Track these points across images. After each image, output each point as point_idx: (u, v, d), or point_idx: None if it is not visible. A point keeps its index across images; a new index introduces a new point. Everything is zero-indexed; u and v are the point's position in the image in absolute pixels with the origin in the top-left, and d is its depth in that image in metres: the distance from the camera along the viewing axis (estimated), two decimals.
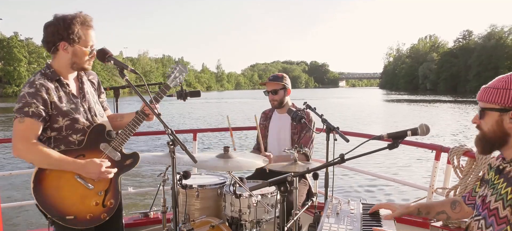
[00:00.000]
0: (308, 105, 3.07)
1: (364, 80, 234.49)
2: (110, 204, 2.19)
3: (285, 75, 3.49)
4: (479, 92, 1.56)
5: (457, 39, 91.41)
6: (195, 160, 2.06)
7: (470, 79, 76.86)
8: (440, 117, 26.12)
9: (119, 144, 2.22)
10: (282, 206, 1.70)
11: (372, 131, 15.89)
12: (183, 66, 2.40)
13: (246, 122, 20.86)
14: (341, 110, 31.82)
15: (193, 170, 3.75)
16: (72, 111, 2.15)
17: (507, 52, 73.24)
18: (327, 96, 59.27)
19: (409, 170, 9.87)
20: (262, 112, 3.68)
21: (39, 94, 2.03)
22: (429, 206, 1.94)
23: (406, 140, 1.74)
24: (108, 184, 2.19)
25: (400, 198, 7.44)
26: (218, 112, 31.45)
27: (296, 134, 3.35)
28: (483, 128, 1.55)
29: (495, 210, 1.47)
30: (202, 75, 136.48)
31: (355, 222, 1.82)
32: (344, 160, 1.67)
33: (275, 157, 3.25)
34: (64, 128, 2.12)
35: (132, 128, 2.22)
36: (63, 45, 2.09)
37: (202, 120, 25.60)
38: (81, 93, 2.26)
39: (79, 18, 2.10)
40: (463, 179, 2.79)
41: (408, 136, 1.70)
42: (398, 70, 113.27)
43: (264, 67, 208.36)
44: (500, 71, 72.53)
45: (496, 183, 1.54)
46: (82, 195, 2.12)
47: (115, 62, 2.13)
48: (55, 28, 2.08)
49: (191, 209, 2.75)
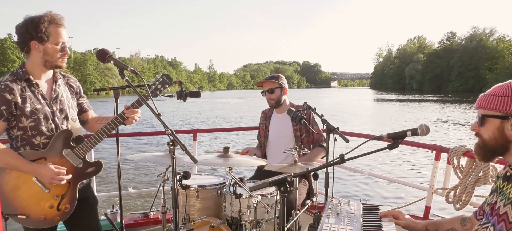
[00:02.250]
0: (308, 105, 3.07)
1: (356, 81, 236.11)
2: (65, 209, 2.21)
3: (281, 75, 3.51)
4: (479, 100, 1.56)
5: (441, 41, 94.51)
6: (195, 160, 2.06)
7: (453, 80, 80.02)
8: (426, 116, 26.70)
9: (83, 151, 2.24)
10: (282, 207, 1.70)
11: (363, 130, 16.20)
12: (168, 78, 2.37)
13: (249, 122, 21.00)
14: (334, 110, 32.14)
15: (193, 169, 3.76)
16: (36, 112, 2.17)
17: (487, 53, 75.82)
18: (320, 96, 60.13)
19: (409, 170, 9.86)
20: (262, 112, 3.68)
21: (3, 95, 2.08)
22: (437, 223, 1.91)
23: (406, 140, 1.73)
24: (65, 189, 2.21)
25: (400, 199, 7.44)
26: (218, 113, 31.57)
27: (298, 130, 3.34)
28: (483, 135, 1.54)
29: (505, 214, 1.45)
30: (194, 75, 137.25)
31: (355, 223, 1.82)
32: (344, 160, 1.66)
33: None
34: (28, 128, 2.15)
35: (102, 134, 2.24)
36: (34, 44, 2.14)
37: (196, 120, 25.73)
38: (53, 95, 2.27)
39: (47, 17, 2.15)
40: (463, 179, 2.79)
41: (408, 136, 1.70)
42: (387, 71, 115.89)
43: (257, 68, 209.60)
44: (481, 72, 74.91)
45: (505, 189, 1.52)
46: (38, 197, 2.16)
47: (115, 62, 2.13)
48: (25, 28, 2.13)
49: (191, 209, 2.75)
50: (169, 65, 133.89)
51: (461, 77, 78.19)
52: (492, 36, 78.87)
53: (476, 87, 72.62)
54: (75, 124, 2.36)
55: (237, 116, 28.57)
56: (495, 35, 78.52)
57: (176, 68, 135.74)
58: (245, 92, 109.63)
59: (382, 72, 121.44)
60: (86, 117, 2.52)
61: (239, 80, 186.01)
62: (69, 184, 2.22)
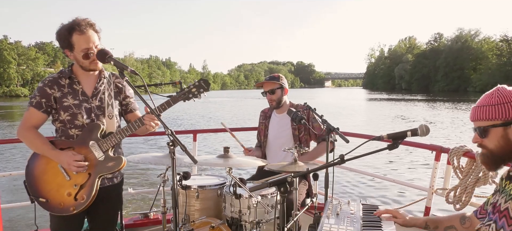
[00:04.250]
0: (308, 106, 3.07)
1: (350, 80, 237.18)
2: (81, 199, 2.27)
3: (281, 75, 3.49)
4: (474, 113, 1.55)
5: (429, 42, 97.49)
6: (195, 161, 2.06)
7: (439, 80, 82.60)
8: (414, 115, 27.56)
9: (106, 145, 2.31)
10: (282, 207, 1.70)
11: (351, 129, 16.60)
12: (206, 83, 2.29)
13: (247, 122, 21.01)
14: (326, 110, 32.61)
15: (193, 170, 3.76)
16: (73, 107, 2.32)
17: (472, 54, 78.51)
18: (310, 97, 60.66)
19: (409, 170, 9.87)
20: (261, 111, 3.67)
21: (44, 89, 2.30)
22: (437, 220, 1.91)
23: (405, 141, 1.73)
24: (85, 179, 2.29)
25: (400, 199, 7.44)
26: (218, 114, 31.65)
27: (296, 129, 3.33)
28: (489, 146, 1.53)
29: (506, 210, 1.46)
30: (188, 75, 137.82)
31: (355, 223, 1.82)
32: (344, 160, 1.66)
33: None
34: (66, 121, 2.33)
35: (125, 132, 2.33)
36: (66, 52, 2.33)
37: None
38: (94, 92, 2.38)
39: (67, 27, 2.26)
40: (463, 179, 2.79)
41: (408, 136, 1.70)
42: (378, 71, 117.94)
43: (251, 68, 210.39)
44: (465, 72, 77.03)
45: (507, 188, 1.53)
46: (60, 183, 2.28)
47: (115, 63, 2.15)
48: (57, 39, 2.31)
49: (191, 209, 2.75)
50: (164, 65, 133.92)
51: (447, 77, 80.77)
52: (477, 37, 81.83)
53: (461, 87, 75.32)
54: (111, 120, 2.43)
55: (231, 114, 28.67)
56: (480, 37, 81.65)
57: (171, 69, 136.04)
58: (239, 92, 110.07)
59: (373, 72, 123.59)
60: (132, 117, 2.57)
61: (233, 80, 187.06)
62: (89, 175, 2.29)
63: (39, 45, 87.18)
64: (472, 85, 71.38)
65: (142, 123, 2.30)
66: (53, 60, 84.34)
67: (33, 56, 77.08)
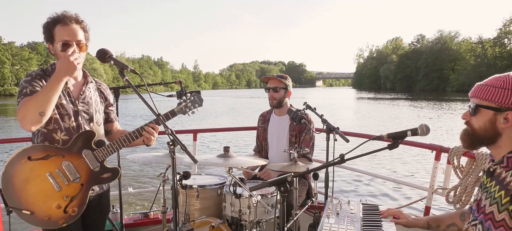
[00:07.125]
0: (308, 105, 3.05)
1: (342, 80, 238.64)
2: (72, 212, 2.12)
3: (289, 77, 3.47)
4: (474, 89, 1.54)
5: (411, 43, 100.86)
6: (195, 160, 2.06)
7: (420, 80, 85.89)
8: (399, 113, 28.64)
9: (102, 155, 2.21)
10: (282, 206, 1.70)
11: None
12: (199, 98, 2.37)
13: (246, 122, 21.00)
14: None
15: (194, 169, 3.76)
16: (60, 106, 2.16)
17: (451, 55, 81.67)
18: (300, 96, 61.20)
19: (409, 170, 9.86)
20: (260, 115, 3.63)
21: (34, 79, 2.13)
22: (439, 219, 1.92)
23: (405, 140, 1.73)
24: (77, 190, 2.15)
25: (400, 198, 7.44)
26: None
27: (294, 136, 3.32)
28: (474, 124, 1.53)
29: (491, 214, 1.45)
30: (180, 75, 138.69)
31: (355, 223, 1.82)
32: (344, 160, 1.66)
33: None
34: (52, 120, 2.13)
35: (123, 142, 2.22)
36: (49, 46, 2.21)
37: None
38: (81, 96, 2.27)
39: (54, 18, 2.16)
40: (463, 179, 2.79)
41: (408, 136, 1.70)
42: (365, 71, 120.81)
43: (242, 67, 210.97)
44: (444, 72, 79.37)
45: (489, 186, 1.51)
46: (47, 194, 2.09)
47: (115, 62, 2.12)
48: (43, 32, 2.19)
49: (191, 209, 2.75)
50: (155, 65, 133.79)
51: (427, 77, 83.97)
52: (456, 39, 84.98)
53: (441, 87, 77.69)
54: (99, 128, 2.33)
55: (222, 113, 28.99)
56: (459, 38, 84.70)
57: (162, 68, 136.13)
58: (230, 91, 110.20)
59: (361, 72, 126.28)
60: (111, 127, 2.49)
61: (224, 80, 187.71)
62: (82, 186, 2.16)
63: (31, 45, 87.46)
64: (450, 85, 73.89)
65: (141, 134, 2.23)
66: (46, 60, 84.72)
67: (27, 56, 78.43)
